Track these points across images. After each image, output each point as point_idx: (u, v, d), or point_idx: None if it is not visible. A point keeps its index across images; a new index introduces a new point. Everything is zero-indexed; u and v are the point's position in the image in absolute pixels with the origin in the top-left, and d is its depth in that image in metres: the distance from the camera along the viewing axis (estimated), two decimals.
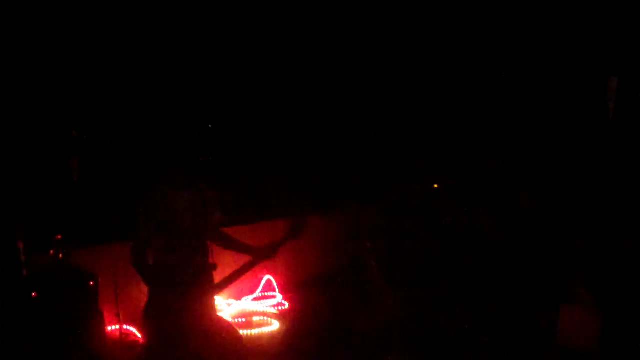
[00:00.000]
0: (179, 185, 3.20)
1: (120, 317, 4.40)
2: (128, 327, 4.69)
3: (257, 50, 6.46)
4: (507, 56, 6.25)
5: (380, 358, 4.50)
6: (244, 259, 3.41)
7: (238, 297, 5.69)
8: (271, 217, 6.07)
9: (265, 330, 5.11)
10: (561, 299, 4.62)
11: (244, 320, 5.32)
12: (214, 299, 3.43)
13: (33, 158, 4.86)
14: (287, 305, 5.77)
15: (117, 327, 4.45)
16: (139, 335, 4.66)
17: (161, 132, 3.33)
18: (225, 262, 3.48)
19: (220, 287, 3.35)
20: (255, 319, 5.37)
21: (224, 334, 3.26)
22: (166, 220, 3.11)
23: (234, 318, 5.32)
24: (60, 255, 4.03)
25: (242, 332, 4.57)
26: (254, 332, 5.03)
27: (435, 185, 6.30)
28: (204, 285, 3.26)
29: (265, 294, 5.89)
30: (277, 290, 5.93)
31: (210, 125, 4.45)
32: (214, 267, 3.31)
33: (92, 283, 4.09)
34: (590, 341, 4.28)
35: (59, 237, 4.06)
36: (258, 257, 3.36)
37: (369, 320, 5.13)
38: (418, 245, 5.94)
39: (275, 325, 5.23)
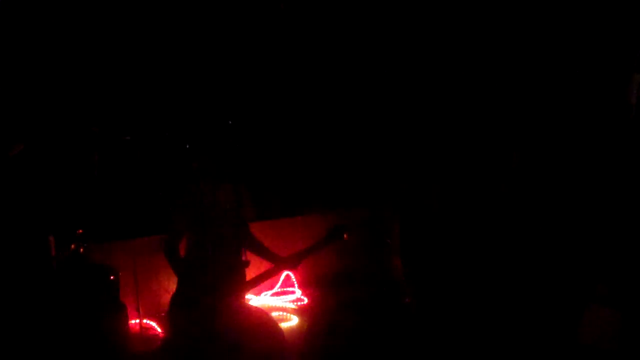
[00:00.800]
0: (215, 180, 3.23)
1: (140, 311, 4.45)
2: (148, 321, 4.74)
3: (282, 45, 6.46)
4: (528, 51, 6.15)
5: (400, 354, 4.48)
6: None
7: (257, 293, 5.70)
8: (292, 214, 6.10)
9: (285, 325, 5.11)
10: (586, 297, 4.53)
11: None
12: (244, 297, 3.43)
13: (55, 154, 4.93)
14: (306, 300, 5.77)
15: (137, 321, 4.50)
16: (159, 330, 4.70)
17: (195, 128, 3.40)
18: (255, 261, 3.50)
19: (248, 286, 3.36)
20: (274, 314, 5.37)
21: (262, 328, 3.25)
22: (201, 213, 3.15)
23: None
24: (81, 250, 4.08)
25: None
26: None
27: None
28: (234, 283, 3.26)
29: (285, 289, 5.89)
30: (296, 285, 5.92)
31: (230, 122, 4.46)
32: (246, 264, 3.31)
33: (112, 277, 4.14)
34: (611, 339, 4.20)
35: (80, 231, 4.11)
36: (281, 266, 3.42)
37: (387, 317, 5.11)
38: (440, 244, 5.89)
39: (294, 321, 5.23)
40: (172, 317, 3.28)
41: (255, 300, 5.59)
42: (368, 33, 6.74)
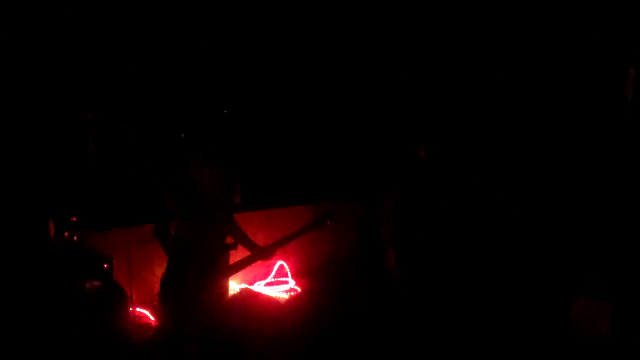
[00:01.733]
0: (205, 161, 3.25)
1: (134, 299, 4.45)
2: (141, 310, 4.74)
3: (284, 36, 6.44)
4: (524, 46, 6.16)
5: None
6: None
7: (251, 282, 5.72)
8: (288, 204, 6.11)
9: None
10: (576, 290, 4.58)
11: None
12: (227, 281, 3.49)
13: (49, 141, 4.90)
14: (299, 290, 5.79)
15: (131, 309, 4.50)
16: (152, 318, 4.71)
17: (189, 115, 3.43)
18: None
19: (230, 271, 3.42)
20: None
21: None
22: (190, 193, 3.20)
23: None
24: (75, 238, 4.07)
25: None
26: None
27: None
28: (220, 265, 3.32)
29: (278, 279, 5.91)
30: (289, 275, 5.94)
31: (225, 111, 4.46)
32: (233, 246, 3.39)
33: (106, 265, 4.13)
34: (603, 330, 4.26)
35: (74, 219, 4.10)
36: (256, 255, 3.52)
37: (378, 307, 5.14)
38: (433, 236, 5.91)
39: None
40: (162, 298, 3.34)
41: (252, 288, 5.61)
42: (371, 28, 6.72)
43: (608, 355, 4.17)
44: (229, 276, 3.49)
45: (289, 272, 5.95)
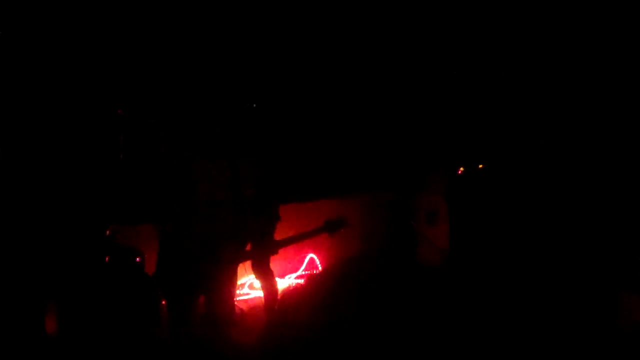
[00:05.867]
0: (206, 155, 3.25)
1: None
2: None
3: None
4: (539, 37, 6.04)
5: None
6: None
7: (282, 275, 5.72)
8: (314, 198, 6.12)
9: None
10: (622, 285, 4.46)
11: None
12: (232, 274, 3.46)
13: (82, 138, 4.98)
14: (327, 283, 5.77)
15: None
16: None
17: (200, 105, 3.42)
18: None
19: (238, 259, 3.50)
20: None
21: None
22: (186, 187, 3.19)
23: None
24: (107, 232, 4.12)
25: None
26: None
27: (480, 166, 6.16)
28: (215, 258, 3.28)
29: (309, 272, 5.90)
30: (320, 268, 5.93)
31: (255, 105, 4.46)
32: (235, 236, 3.38)
33: (138, 259, 4.17)
34: None
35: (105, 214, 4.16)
36: (259, 251, 3.64)
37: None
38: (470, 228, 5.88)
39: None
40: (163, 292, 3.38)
41: (280, 282, 5.61)
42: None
43: None
44: (234, 264, 3.49)
45: (319, 265, 5.94)
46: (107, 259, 4.01)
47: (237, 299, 5.27)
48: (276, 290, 4.38)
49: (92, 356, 3.55)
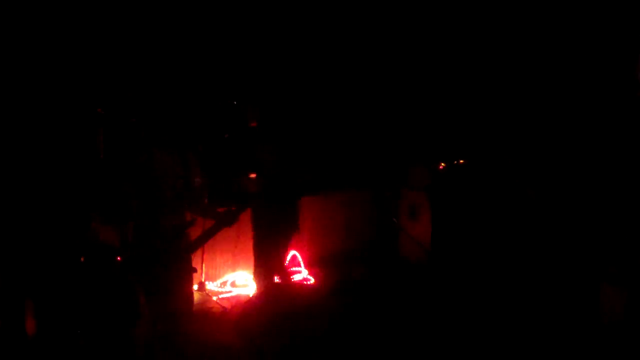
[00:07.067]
0: (165, 148, 3.44)
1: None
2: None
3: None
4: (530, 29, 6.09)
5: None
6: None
7: None
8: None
9: None
10: (601, 277, 4.56)
11: None
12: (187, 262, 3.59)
13: (62, 138, 4.95)
14: (312, 280, 5.83)
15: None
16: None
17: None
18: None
19: (192, 248, 3.62)
20: None
21: None
22: (148, 179, 3.38)
23: None
24: (88, 231, 4.11)
25: None
26: None
27: (462, 161, 6.23)
28: (176, 244, 3.45)
29: (291, 269, 5.94)
30: (302, 265, 5.97)
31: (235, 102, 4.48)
32: (191, 223, 3.54)
33: (119, 258, 4.17)
34: (618, 314, 4.25)
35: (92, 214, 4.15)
36: (220, 222, 3.67)
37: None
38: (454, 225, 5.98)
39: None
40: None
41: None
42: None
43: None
44: (194, 251, 3.67)
45: (301, 262, 5.98)
46: (86, 257, 4.01)
47: (220, 296, 5.32)
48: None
49: (72, 356, 3.56)
